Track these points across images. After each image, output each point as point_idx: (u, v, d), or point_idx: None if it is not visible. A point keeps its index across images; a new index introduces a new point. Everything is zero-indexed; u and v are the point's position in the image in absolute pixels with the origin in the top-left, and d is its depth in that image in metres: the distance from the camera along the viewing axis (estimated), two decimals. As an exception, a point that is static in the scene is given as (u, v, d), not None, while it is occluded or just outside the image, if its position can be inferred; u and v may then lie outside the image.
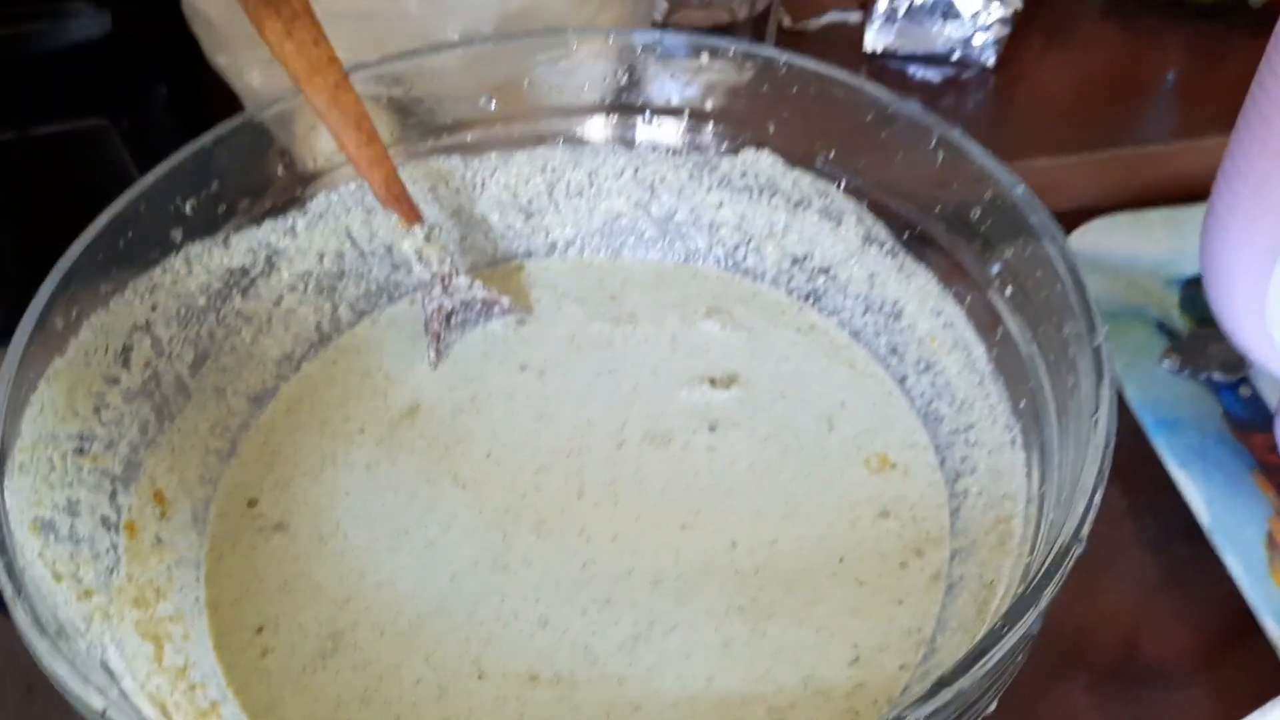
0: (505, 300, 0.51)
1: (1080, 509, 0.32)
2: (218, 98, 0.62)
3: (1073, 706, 0.43)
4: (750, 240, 0.52)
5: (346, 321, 0.52)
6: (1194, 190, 0.62)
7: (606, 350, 0.50)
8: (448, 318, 0.50)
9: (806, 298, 0.52)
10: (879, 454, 0.45)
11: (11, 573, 0.32)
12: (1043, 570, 0.30)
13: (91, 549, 0.38)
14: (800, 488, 0.44)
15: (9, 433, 0.36)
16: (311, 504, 0.45)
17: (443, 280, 0.49)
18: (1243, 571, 0.45)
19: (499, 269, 0.54)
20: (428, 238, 0.48)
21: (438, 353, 0.50)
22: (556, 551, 0.43)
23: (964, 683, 0.28)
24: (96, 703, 0.29)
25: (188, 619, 0.40)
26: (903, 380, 0.48)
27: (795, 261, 0.51)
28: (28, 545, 0.35)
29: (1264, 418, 0.52)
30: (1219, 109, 0.50)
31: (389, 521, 0.44)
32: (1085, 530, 0.32)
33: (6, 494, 0.35)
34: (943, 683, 0.28)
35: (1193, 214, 0.60)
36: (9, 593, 0.32)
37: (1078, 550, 0.31)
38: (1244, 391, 0.54)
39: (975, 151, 0.43)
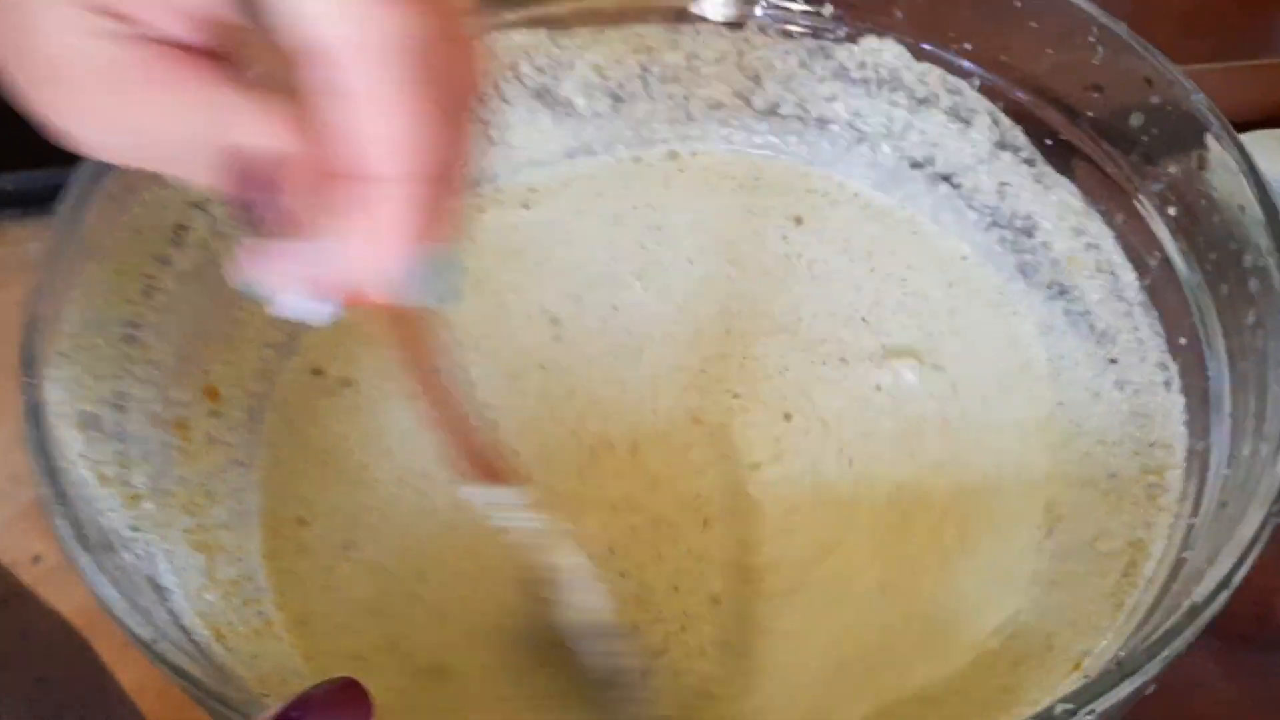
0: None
1: (1275, 476, 0.27)
2: None
3: (1203, 674, 0.39)
4: (864, 140, 0.47)
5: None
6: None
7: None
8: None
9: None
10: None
11: (52, 475, 0.29)
12: (1247, 548, 0.26)
13: (141, 449, 0.35)
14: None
15: (52, 315, 0.33)
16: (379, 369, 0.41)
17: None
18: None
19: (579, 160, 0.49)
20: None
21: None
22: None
23: (1149, 669, 0.24)
24: (145, 633, 0.26)
25: (239, 526, 0.37)
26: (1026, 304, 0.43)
27: (914, 165, 0.46)
28: (70, 443, 0.31)
29: None
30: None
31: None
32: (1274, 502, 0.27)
33: (48, 384, 0.31)
34: (1124, 673, 0.24)
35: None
36: (48, 497, 0.29)
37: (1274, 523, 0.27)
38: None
39: (1145, 49, 0.37)
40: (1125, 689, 0.24)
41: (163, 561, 0.32)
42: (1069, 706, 0.24)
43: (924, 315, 0.43)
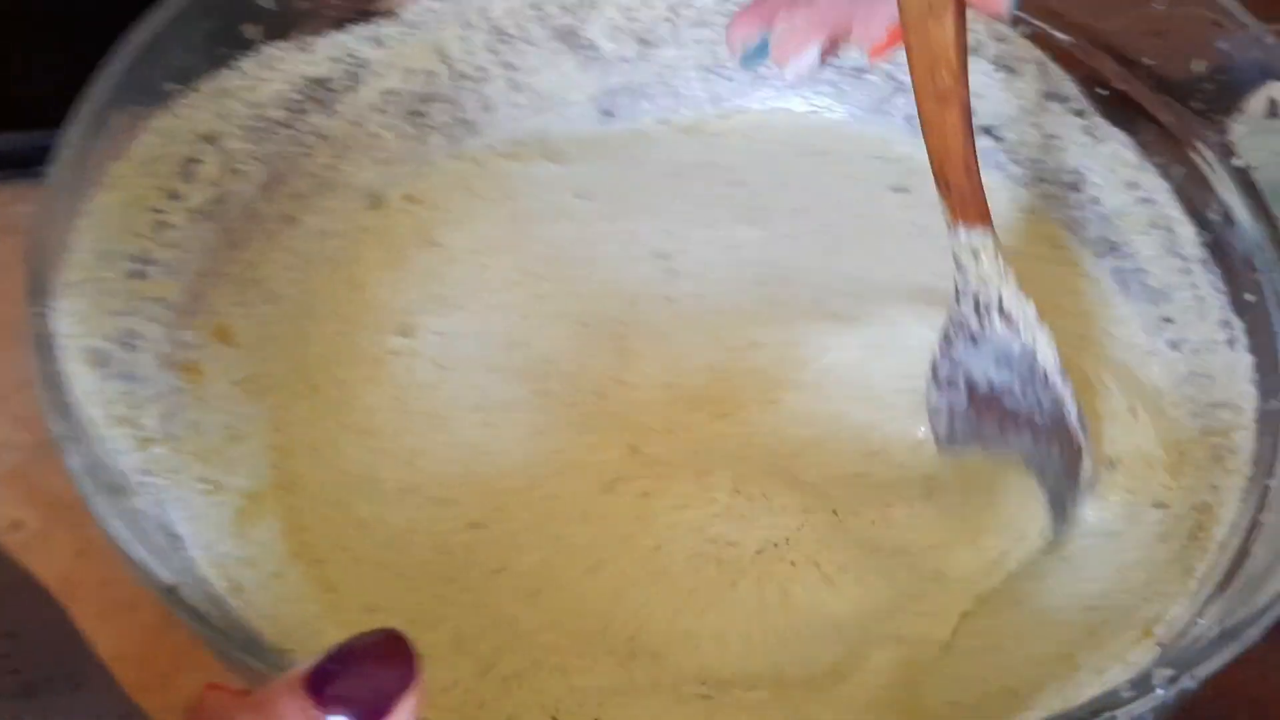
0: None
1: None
2: None
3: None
4: (901, 90, 0.45)
5: (431, 156, 0.45)
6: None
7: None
8: (971, 338, 0.35)
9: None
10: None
11: (64, 410, 0.27)
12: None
13: (151, 390, 0.33)
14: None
15: (59, 242, 0.30)
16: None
17: (976, 304, 0.34)
18: None
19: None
20: (974, 252, 0.33)
21: (942, 366, 0.36)
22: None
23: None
24: (165, 577, 0.24)
25: (255, 474, 0.35)
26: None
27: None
28: (81, 379, 0.29)
29: None
30: None
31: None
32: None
33: (56, 316, 0.29)
34: (1228, 637, 0.23)
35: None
36: (59, 431, 0.27)
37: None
38: None
39: (1213, -9, 0.36)
40: (1225, 655, 0.22)
41: (176, 508, 0.30)
42: (1169, 672, 0.22)
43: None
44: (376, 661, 0.21)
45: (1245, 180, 0.36)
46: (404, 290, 0.41)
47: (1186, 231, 0.38)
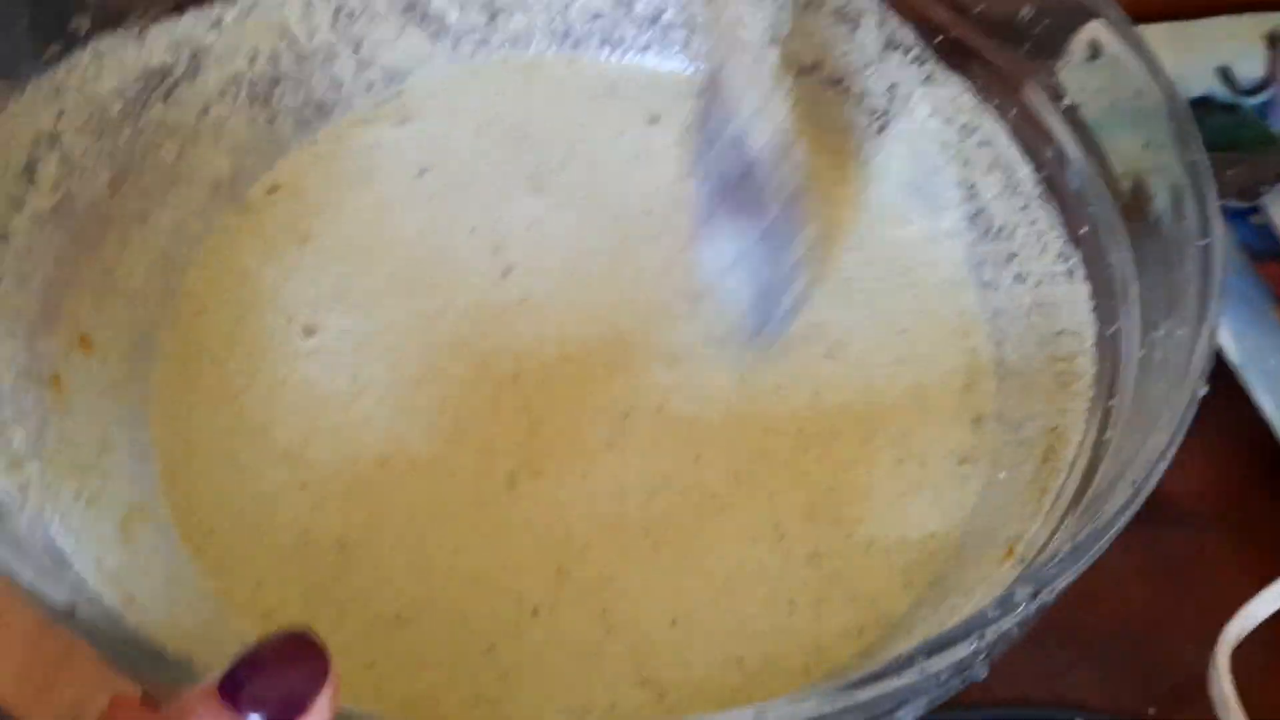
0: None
1: (1201, 351, 0.28)
2: None
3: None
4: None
5: (283, 141, 0.44)
6: (1195, 4, 0.58)
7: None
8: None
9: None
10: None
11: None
12: (1178, 423, 0.26)
13: (15, 408, 0.32)
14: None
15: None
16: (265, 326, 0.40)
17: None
18: (1274, 409, 0.43)
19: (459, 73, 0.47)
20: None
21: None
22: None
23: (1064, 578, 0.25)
24: (61, 600, 0.23)
25: (138, 480, 0.34)
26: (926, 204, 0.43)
27: (803, 70, 0.45)
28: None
29: (1277, 249, 0.50)
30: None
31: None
32: (1205, 375, 0.28)
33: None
34: (1078, 553, 0.25)
35: (1200, 29, 0.57)
36: (-76, 465, 0.26)
37: (1200, 395, 0.27)
38: (1257, 220, 0.51)
39: (1033, -60, 0.37)
40: (1079, 567, 0.24)
41: (57, 525, 0.30)
42: (1030, 588, 0.24)
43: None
44: (287, 662, 0.22)
45: (1074, 118, 0.38)
46: (289, 287, 0.40)
47: (1024, 170, 0.40)
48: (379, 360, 0.39)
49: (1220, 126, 0.54)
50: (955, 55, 0.42)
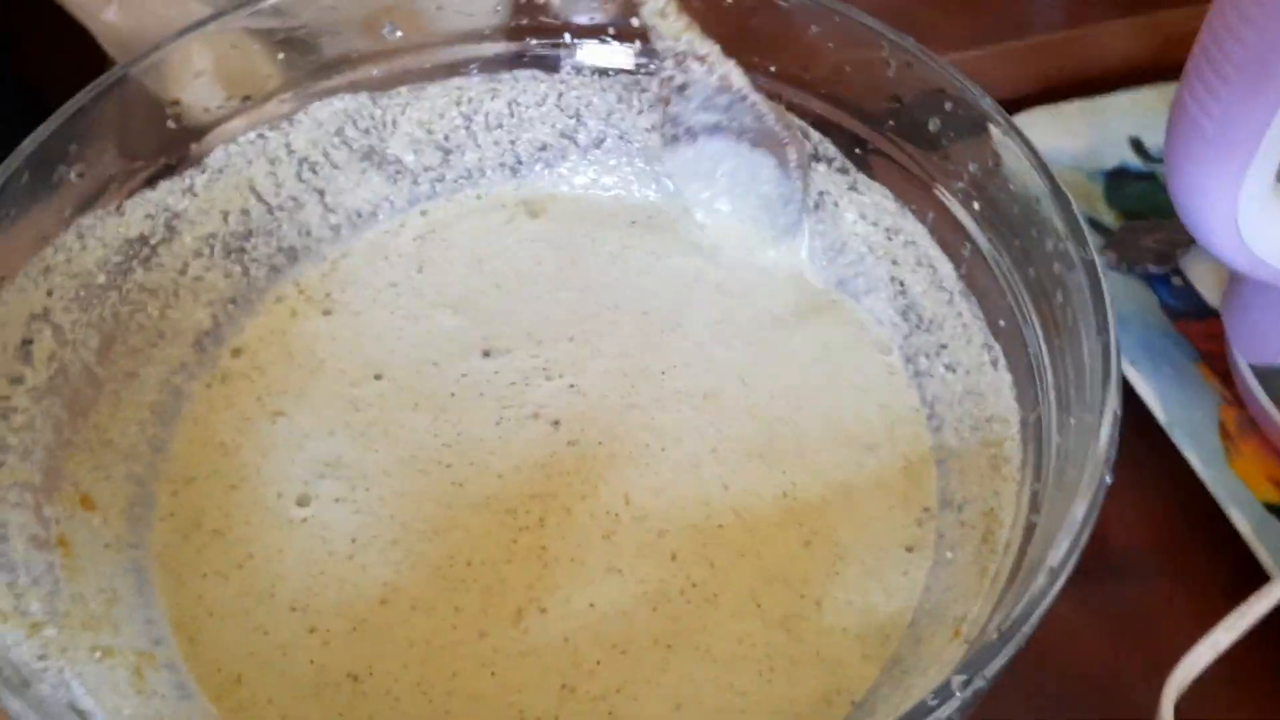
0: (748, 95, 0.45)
1: (1105, 431, 0.31)
2: (38, 33, 0.55)
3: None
4: (688, 164, 0.49)
5: (261, 288, 0.47)
6: (1105, 78, 0.63)
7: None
8: (680, 90, 0.45)
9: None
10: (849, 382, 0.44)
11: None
12: (1088, 512, 0.29)
13: (29, 574, 0.34)
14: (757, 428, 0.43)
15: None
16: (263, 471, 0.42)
17: (676, 58, 0.44)
18: (1202, 464, 0.46)
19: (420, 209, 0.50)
20: (663, 13, 0.43)
21: (665, 128, 0.46)
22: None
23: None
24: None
25: (147, 632, 0.37)
26: (857, 300, 0.47)
27: (737, 185, 0.49)
28: (-37, 588, 0.30)
29: (1198, 307, 0.53)
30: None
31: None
32: (1111, 457, 0.31)
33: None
34: (1004, 639, 0.27)
35: (1109, 103, 0.61)
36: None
37: (1106, 483, 0.30)
38: (1176, 282, 0.54)
39: (932, 60, 0.41)
40: (1008, 652, 0.27)
41: (77, 685, 0.32)
42: (963, 677, 0.27)
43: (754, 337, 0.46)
44: None
45: (986, 218, 0.41)
46: (270, 465, 0.42)
47: (946, 268, 0.43)
48: (381, 521, 0.40)
49: (1137, 195, 0.58)
50: (875, 164, 0.45)
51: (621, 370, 0.44)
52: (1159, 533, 0.47)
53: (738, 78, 0.44)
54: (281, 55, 0.46)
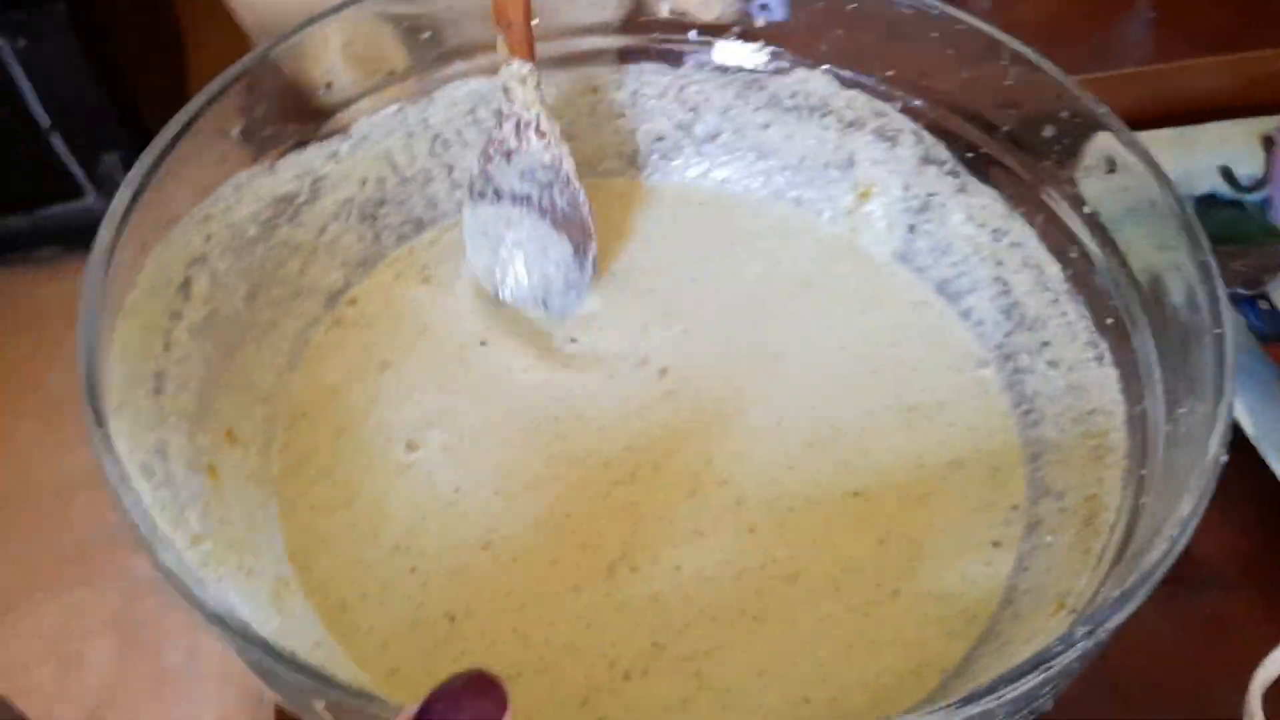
0: (566, 180, 0.46)
1: (1220, 424, 0.32)
2: (123, 19, 0.58)
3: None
4: (803, 160, 0.52)
5: (386, 251, 0.50)
6: (1190, 111, 0.64)
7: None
8: (506, 155, 0.46)
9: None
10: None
11: (143, 519, 0.31)
12: (1205, 487, 0.31)
13: (188, 492, 0.36)
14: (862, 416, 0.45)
15: (102, 372, 0.34)
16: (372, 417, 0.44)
17: (518, 125, 0.45)
18: (1288, 477, 0.47)
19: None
20: (523, 79, 0.44)
21: (476, 183, 0.47)
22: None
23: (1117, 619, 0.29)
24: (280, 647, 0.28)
25: (277, 558, 0.39)
26: (957, 302, 0.48)
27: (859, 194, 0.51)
28: (143, 492, 0.33)
29: (1281, 330, 0.54)
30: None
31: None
32: (1224, 445, 0.32)
33: (115, 438, 0.33)
34: (1124, 598, 0.29)
35: (1199, 133, 0.62)
36: (146, 537, 0.30)
37: (1222, 462, 0.32)
38: (1263, 305, 0.56)
39: (1052, 69, 0.43)
40: (1127, 610, 0.29)
41: (233, 595, 0.34)
42: (1086, 628, 0.28)
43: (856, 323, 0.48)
44: (474, 695, 0.26)
45: (1094, 223, 0.43)
46: (378, 411, 0.45)
47: (1053, 269, 0.45)
48: (484, 471, 0.43)
49: (1225, 221, 0.60)
50: (986, 168, 0.47)
51: (728, 339, 0.47)
52: (1242, 543, 0.48)
53: (569, 163, 0.46)
54: (410, 39, 0.48)
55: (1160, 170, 0.39)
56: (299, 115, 0.46)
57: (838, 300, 0.49)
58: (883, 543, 0.41)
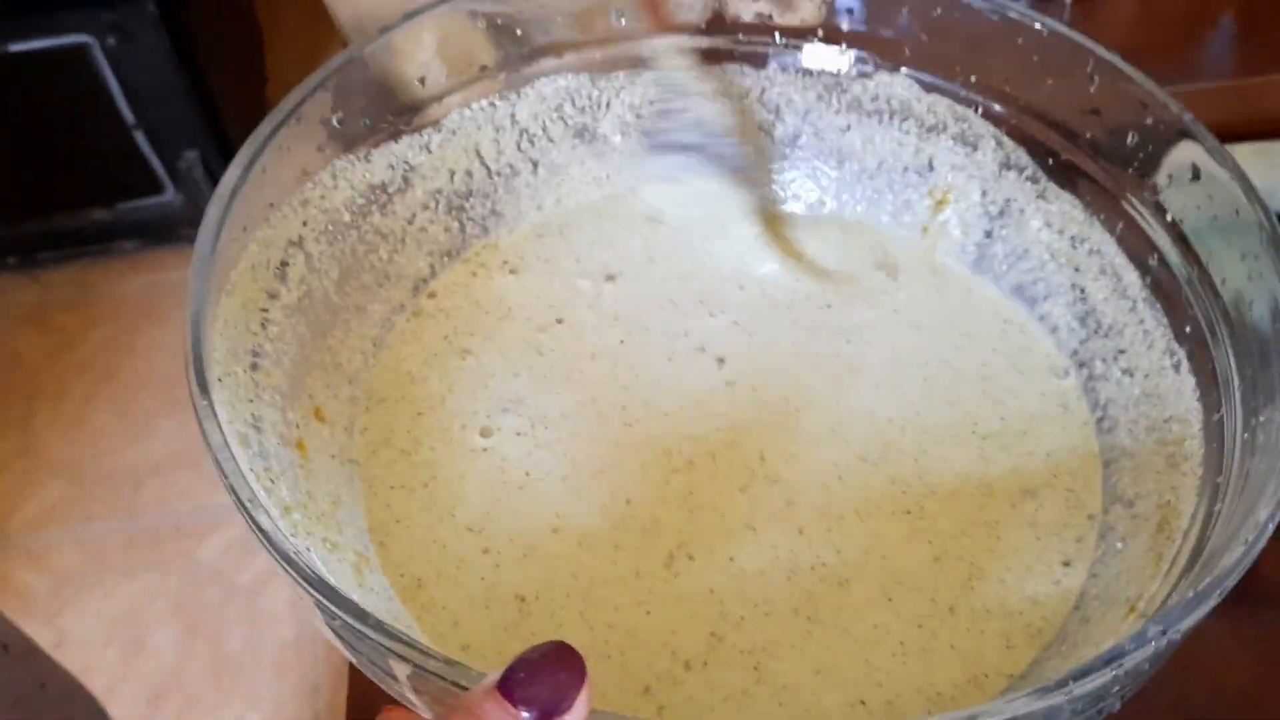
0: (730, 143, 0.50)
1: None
2: (207, 20, 0.60)
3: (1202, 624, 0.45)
4: (881, 164, 0.52)
5: (471, 241, 0.51)
6: (1266, 125, 0.64)
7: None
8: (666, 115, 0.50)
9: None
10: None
11: (241, 484, 0.32)
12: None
13: (279, 464, 0.38)
14: (936, 417, 0.45)
15: (208, 345, 0.36)
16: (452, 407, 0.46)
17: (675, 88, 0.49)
18: (1368, 494, 0.46)
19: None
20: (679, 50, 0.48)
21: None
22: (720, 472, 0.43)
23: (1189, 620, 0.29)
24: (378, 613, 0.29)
25: (358, 534, 0.40)
26: (1033, 306, 0.49)
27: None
28: (241, 459, 0.34)
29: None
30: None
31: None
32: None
33: (217, 406, 0.34)
34: (1200, 598, 0.29)
35: (1284, 147, 0.62)
36: (245, 499, 0.32)
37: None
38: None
39: (1139, 77, 0.43)
40: (1201, 612, 0.29)
41: (319, 566, 0.35)
42: (1159, 628, 0.29)
43: (930, 340, 0.48)
44: (554, 666, 0.27)
45: (1176, 231, 0.43)
46: (455, 398, 0.46)
47: (1131, 276, 0.45)
48: (555, 458, 0.44)
49: (1307, 237, 0.59)
50: (1067, 175, 0.47)
51: (791, 339, 0.48)
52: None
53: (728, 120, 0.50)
54: (500, 37, 0.50)
55: (1247, 181, 0.39)
56: (394, 108, 0.47)
57: (912, 310, 0.49)
58: (938, 560, 0.41)
